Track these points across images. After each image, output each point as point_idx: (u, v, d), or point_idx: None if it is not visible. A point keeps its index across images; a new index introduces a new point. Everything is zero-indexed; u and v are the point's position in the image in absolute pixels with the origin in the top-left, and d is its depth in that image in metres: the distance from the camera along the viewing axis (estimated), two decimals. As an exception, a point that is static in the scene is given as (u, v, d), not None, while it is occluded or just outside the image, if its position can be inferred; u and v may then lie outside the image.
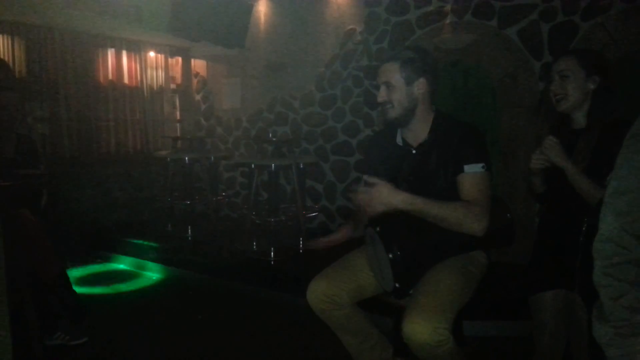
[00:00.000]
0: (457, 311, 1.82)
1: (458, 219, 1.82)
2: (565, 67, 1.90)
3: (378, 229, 1.87)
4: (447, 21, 4.37)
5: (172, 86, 6.46)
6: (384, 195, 1.83)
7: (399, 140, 2.11)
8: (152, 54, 6.08)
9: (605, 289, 1.02)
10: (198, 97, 6.52)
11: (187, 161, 5.17)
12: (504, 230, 1.99)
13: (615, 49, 3.70)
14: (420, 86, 2.01)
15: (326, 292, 2.00)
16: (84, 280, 4.28)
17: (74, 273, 4.34)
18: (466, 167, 1.90)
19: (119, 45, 5.67)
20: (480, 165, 1.90)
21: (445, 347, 1.71)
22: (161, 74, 6.21)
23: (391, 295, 1.85)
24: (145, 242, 4.88)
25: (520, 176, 3.93)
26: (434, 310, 1.74)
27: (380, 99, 2.04)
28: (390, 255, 1.77)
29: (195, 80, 6.53)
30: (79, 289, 3.55)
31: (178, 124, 6.56)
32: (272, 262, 4.16)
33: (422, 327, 1.70)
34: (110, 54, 5.64)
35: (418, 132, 2.05)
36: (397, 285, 1.79)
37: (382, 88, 2.03)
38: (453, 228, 1.84)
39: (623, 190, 1.01)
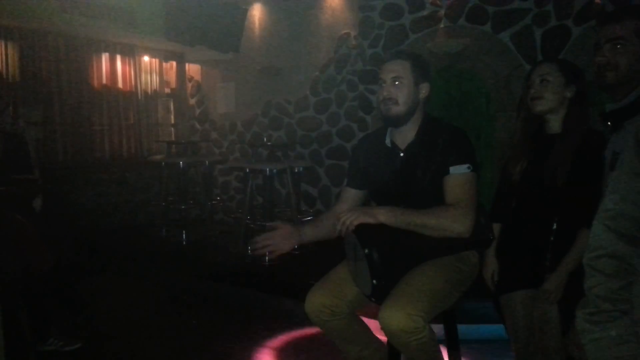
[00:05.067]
0: (437, 304, 1.83)
1: (439, 224, 1.84)
2: (546, 71, 1.95)
3: (354, 228, 1.87)
4: (441, 26, 4.39)
5: (167, 90, 6.45)
6: (361, 212, 1.86)
7: (387, 142, 2.11)
8: (146, 58, 6.07)
9: (586, 280, 1.10)
10: (192, 101, 6.52)
11: (181, 165, 5.16)
12: (478, 234, 1.99)
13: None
14: (424, 90, 2.04)
15: (325, 303, 2.00)
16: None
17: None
18: (452, 169, 1.92)
19: (113, 49, 5.66)
20: (466, 166, 1.91)
21: (419, 336, 1.70)
22: (155, 78, 6.20)
23: (371, 298, 1.84)
24: (140, 247, 4.87)
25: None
26: (409, 298, 1.75)
27: (386, 94, 2.00)
28: (366, 250, 1.77)
29: (189, 85, 6.53)
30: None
31: (172, 129, 6.55)
32: (267, 266, 4.15)
33: (395, 314, 1.70)
34: (105, 58, 5.62)
35: (407, 134, 2.07)
36: (374, 282, 1.77)
37: (389, 83, 2.00)
38: (437, 234, 1.85)
39: (612, 190, 1.10)
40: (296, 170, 4.68)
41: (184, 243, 4.99)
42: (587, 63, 2.27)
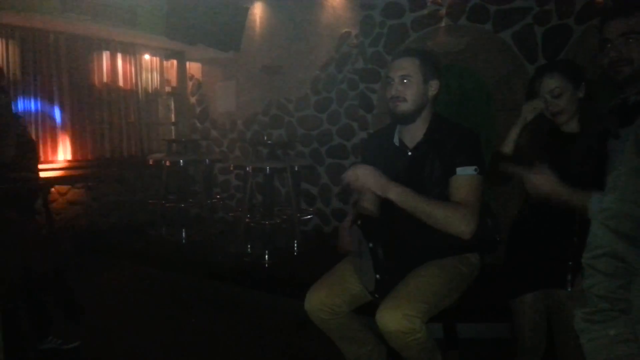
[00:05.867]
0: (435, 304, 1.83)
1: (445, 218, 1.83)
2: (555, 85, 1.93)
3: (359, 222, 1.87)
4: (442, 24, 4.39)
5: (167, 89, 6.45)
6: (375, 177, 1.85)
7: (395, 141, 2.11)
8: (147, 56, 6.07)
9: (585, 279, 1.10)
10: (193, 99, 6.52)
11: (182, 164, 5.16)
12: (484, 236, 1.98)
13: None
14: (433, 87, 2.04)
15: (325, 302, 2.00)
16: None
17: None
18: (459, 170, 1.91)
19: (114, 48, 5.66)
20: (473, 168, 1.90)
21: (416, 336, 1.71)
22: (156, 76, 6.20)
23: (374, 294, 1.83)
24: (140, 246, 4.88)
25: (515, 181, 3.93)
26: (406, 298, 1.76)
27: (394, 92, 2.00)
28: (371, 245, 1.77)
29: (190, 83, 6.52)
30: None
31: (173, 127, 6.55)
32: (267, 265, 4.16)
33: (392, 314, 1.71)
34: (105, 56, 5.62)
35: (416, 133, 2.06)
36: (377, 277, 1.76)
37: (397, 81, 2.00)
38: (439, 227, 1.84)
39: (610, 189, 1.10)
40: (296, 169, 4.68)
41: (184, 242, 5.00)
42: (588, 61, 2.26)
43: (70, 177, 5.21)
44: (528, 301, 2.01)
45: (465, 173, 1.90)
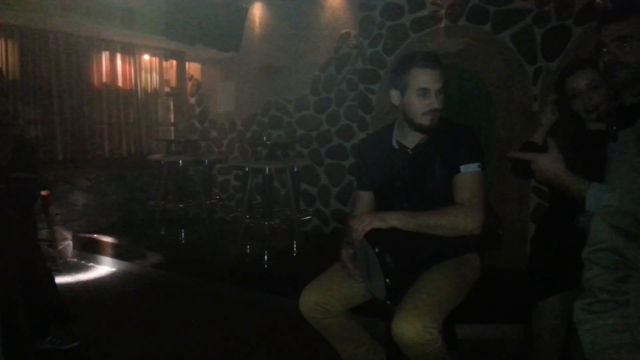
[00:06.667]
0: (447, 311, 1.83)
1: (450, 222, 1.84)
2: (591, 78, 1.92)
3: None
4: (442, 25, 4.39)
5: (167, 89, 6.44)
6: (372, 218, 1.87)
7: (394, 144, 2.11)
8: (146, 57, 6.06)
9: (585, 273, 1.14)
10: (192, 100, 6.52)
11: (181, 164, 5.15)
12: (486, 234, 1.97)
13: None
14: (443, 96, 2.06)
15: (318, 301, 2.00)
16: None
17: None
18: (462, 168, 1.93)
19: (113, 48, 5.65)
20: (476, 164, 1.93)
21: (434, 347, 1.71)
22: (156, 77, 6.19)
23: (385, 301, 1.83)
24: (139, 246, 4.87)
25: (514, 182, 3.93)
26: (423, 309, 1.75)
27: (436, 105, 1.97)
28: (377, 250, 1.77)
29: (189, 84, 6.52)
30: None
31: (172, 127, 6.54)
32: (266, 266, 4.15)
33: (411, 326, 1.70)
34: (105, 56, 5.61)
35: (417, 134, 2.06)
36: (387, 281, 1.75)
37: (435, 93, 1.97)
38: (449, 233, 1.85)
39: (610, 187, 1.16)
40: (295, 170, 4.68)
41: (183, 242, 5.00)
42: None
43: (69, 177, 5.21)
44: (548, 307, 2.01)
45: (469, 170, 1.92)
